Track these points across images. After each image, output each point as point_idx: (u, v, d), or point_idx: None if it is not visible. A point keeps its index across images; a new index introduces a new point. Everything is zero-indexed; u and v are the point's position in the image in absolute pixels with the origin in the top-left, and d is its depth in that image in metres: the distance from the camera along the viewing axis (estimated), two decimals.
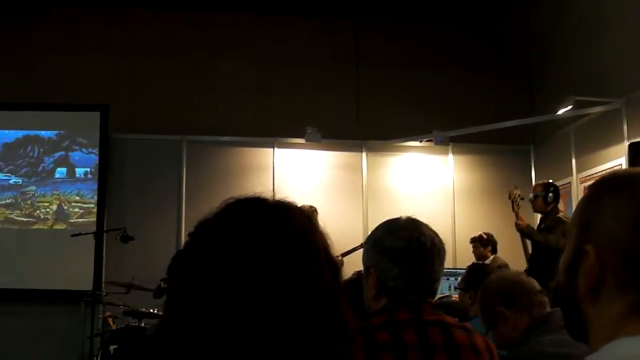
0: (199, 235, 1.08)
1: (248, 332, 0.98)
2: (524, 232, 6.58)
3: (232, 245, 1.03)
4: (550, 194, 6.56)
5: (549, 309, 2.59)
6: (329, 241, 1.11)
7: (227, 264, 1.01)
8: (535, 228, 6.70)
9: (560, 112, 7.38)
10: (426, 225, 2.04)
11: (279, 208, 1.10)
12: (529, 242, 6.68)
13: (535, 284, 2.67)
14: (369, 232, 2.10)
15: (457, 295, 5.08)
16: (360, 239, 7.53)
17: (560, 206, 6.84)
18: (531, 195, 6.76)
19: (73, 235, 7.51)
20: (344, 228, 8.14)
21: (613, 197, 1.05)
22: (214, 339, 0.98)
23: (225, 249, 1.03)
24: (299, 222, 1.08)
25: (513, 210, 6.75)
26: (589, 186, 1.12)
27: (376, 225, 2.11)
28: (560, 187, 7.05)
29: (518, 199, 6.78)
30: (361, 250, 2.11)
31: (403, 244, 1.96)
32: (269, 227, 1.05)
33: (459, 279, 4.68)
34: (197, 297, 1.01)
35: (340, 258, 7.03)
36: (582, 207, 1.09)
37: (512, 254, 7.37)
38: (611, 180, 1.08)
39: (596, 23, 7.53)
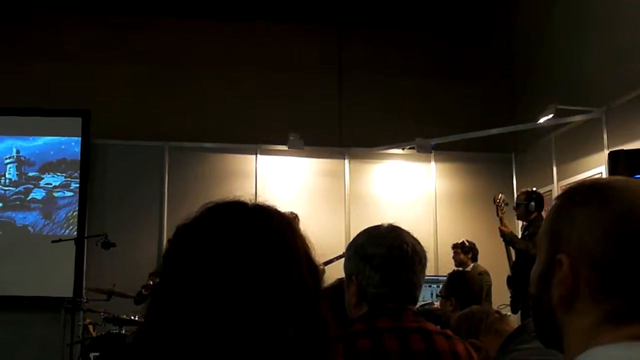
0: (178, 240, 1.08)
1: (227, 336, 0.97)
2: (507, 238, 6.61)
3: (211, 249, 1.02)
4: (532, 203, 6.60)
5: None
6: (309, 245, 1.10)
7: (206, 268, 1.01)
8: (520, 235, 6.74)
9: (542, 120, 7.44)
10: (408, 233, 2.04)
11: (258, 211, 1.09)
12: (512, 250, 6.71)
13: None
14: (351, 240, 2.10)
15: (438, 303, 5.10)
16: (342, 246, 7.52)
17: (545, 214, 6.86)
18: (515, 203, 6.81)
19: (54, 242, 7.45)
20: (326, 235, 8.13)
21: (583, 206, 1.05)
22: (193, 344, 0.98)
23: (204, 252, 1.02)
24: (278, 225, 1.08)
25: (497, 215, 6.78)
26: (559, 196, 1.12)
27: (358, 232, 2.11)
28: None
29: (502, 204, 6.82)
30: (342, 260, 2.10)
31: (384, 251, 1.96)
32: (248, 230, 1.05)
33: (441, 286, 4.69)
34: (176, 301, 1.00)
35: (322, 267, 7.02)
36: (553, 217, 1.10)
37: (494, 261, 7.40)
38: (581, 190, 1.09)
39: (578, 32, 7.60)
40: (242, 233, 1.04)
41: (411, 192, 9.09)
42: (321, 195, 8.93)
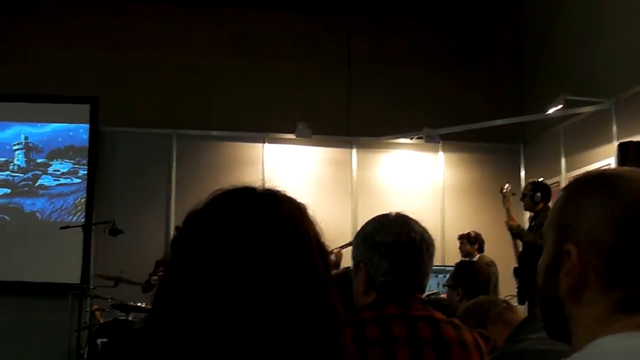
0: (189, 226, 1.08)
1: (239, 319, 0.98)
2: (514, 232, 6.60)
3: (221, 235, 1.03)
4: (538, 193, 6.56)
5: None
6: (319, 229, 1.10)
7: (217, 253, 1.01)
8: (528, 224, 6.72)
9: (551, 111, 7.41)
10: (416, 221, 2.04)
11: (268, 196, 1.10)
12: (519, 241, 6.70)
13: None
14: (358, 229, 2.11)
15: (445, 293, 5.10)
16: (349, 236, 7.53)
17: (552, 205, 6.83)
18: (521, 193, 6.79)
19: (62, 228, 7.48)
20: (333, 224, 8.12)
21: (591, 196, 1.05)
22: (205, 328, 0.98)
23: (215, 238, 1.03)
24: (288, 210, 1.08)
25: (504, 205, 6.76)
26: (566, 186, 1.13)
27: (365, 221, 2.11)
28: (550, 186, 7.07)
29: (509, 195, 6.80)
30: (349, 249, 2.12)
31: (393, 239, 1.96)
32: (258, 216, 1.05)
33: (447, 276, 4.69)
34: (187, 286, 1.01)
35: (338, 251, 7.03)
36: (560, 207, 1.09)
37: (501, 252, 7.40)
38: (588, 181, 1.09)
39: (588, 23, 7.56)
40: (253, 218, 1.04)
41: (418, 182, 9.08)
42: (328, 184, 8.93)
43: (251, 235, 1.02)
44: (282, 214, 1.07)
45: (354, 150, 9.11)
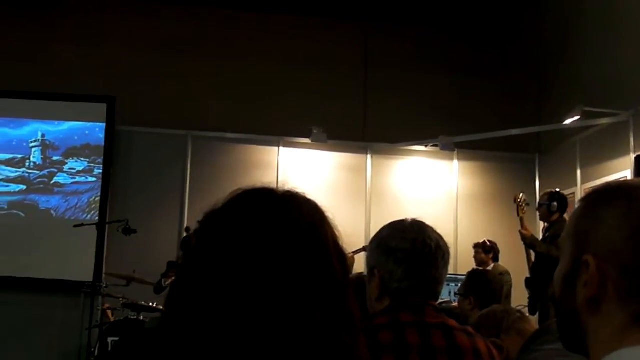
0: (207, 226, 1.08)
1: (256, 322, 0.97)
2: (528, 242, 6.56)
3: (239, 235, 1.02)
4: (555, 203, 6.51)
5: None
6: (338, 232, 1.10)
7: (234, 254, 1.01)
8: (542, 235, 6.68)
9: (568, 121, 7.37)
10: (431, 228, 2.03)
11: (288, 198, 1.09)
12: (532, 251, 6.66)
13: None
14: (371, 235, 2.10)
15: (457, 302, 5.08)
16: (362, 241, 7.53)
17: (568, 216, 6.79)
18: (537, 203, 6.75)
19: (75, 226, 7.53)
20: (347, 230, 7.88)
21: (610, 207, 1.04)
22: (219, 329, 0.98)
23: (233, 238, 1.02)
24: (307, 212, 1.07)
25: (518, 215, 6.72)
26: (583, 197, 1.12)
27: (379, 228, 2.10)
28: None
29: (523, 204, 6.75)
30: (362, 254, 2.11)
31: (408, 245, 1.95)
32: (277, 217, 1.04)
33: (459, 284, 4.67)
34: (203, 286, 1.00)
35: (351, 255, 7.02)
36: (578, 218, 1.09)
37: (514, 261, 7.37)
38: (606, 191, 1.08)
39: (607, 34, 7.52)
40: (272, 219, 1.04)
41: (433, 190, 9.07)
42: (343, 189, 8.92)
43: (269, 237, 1.02)
44: (302, 216, 1.06)
45: (369, 156, 9.10)
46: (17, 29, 9.08)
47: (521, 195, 6.85)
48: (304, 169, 8.97)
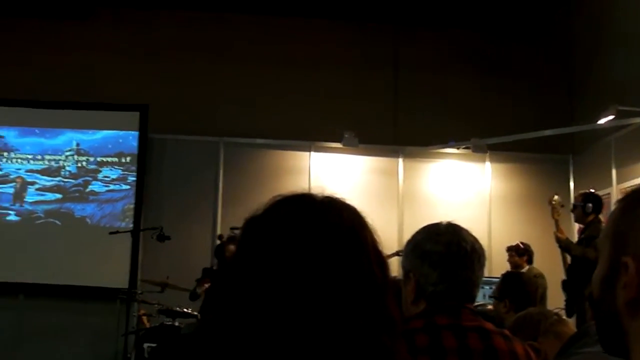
0: (248, 232, 1.09)
1: (296, 328, 0.98)
2: (562, 245, 6.49)
3: (280, 242, 1.03)
4: (590, 205, 6.43)
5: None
6: (377, 237, 1.10)
7: (276, 260, 1.02)
8: (577, 236, 6.60)
9: (602, 121, 7.29)
10: (467, 231, 2.02)
11: (327, 204, 1.10)
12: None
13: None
14: (404, 238, 2.10)
15: (491, 304, 5.04)
16: (394, 245, 7.51)
17: (603, 217, 6.70)
18: (572, 204, 6.67)
19: (111, 233, 7.61)
20: (379, 234, 8.06)
21: None
22: (261, 334, 0.98)
23: (274, 245, 1.03)
24: (347, 217, 1.08)
25: (552, 217, 6.65)
26: (621, 198, 1.10)
27: (411, 231, 2.10)
28: None
29: (558, 206, 6.67)
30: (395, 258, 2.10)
31: (443, 248, 1.95)
32: (317, 223, 1.05)
33: (494, 287, 4.63)
34: (245, 293, 1.01)
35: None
36: (617, 219, 1.07)
37: (549, 264, 7.30)
38: None
39: None
40: (312, 225, 1.05)
41: (465, 193, 9.01)
42: (375, 193, 8.90)
43: (309, 242, 1.02)
44: (341, 221, 1.07)
45: (401, 160, 9.08)
46: (51, 40, 9.21)
47: (555, 196, 6.78)
48: (335, 174, 8.97)
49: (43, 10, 9.09)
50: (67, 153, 8.86)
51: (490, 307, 5.45)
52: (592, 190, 6.68)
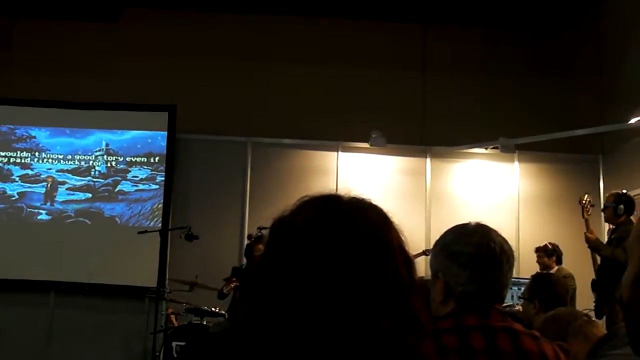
0: (276, 233, 1.09)
1: (323, 328, 0.98)
2: (592, 245, 6.42)
3: (307, 242, 1.04)
4: (622, 206, 6.35)
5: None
6: (404, 238, 1.10)
7: (303, 261, 1.02)
8: (607, 237, 6.53)
9: (633, 121, 7.21)
10: (495, 231, 2.01)
11: (354, 205, 1.10)
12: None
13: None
14: (431, 239, 2.09)
15: (520, 305, 5.00)
16: (422, 245, 7.50)
17: (634, 218, 6.61)
18: (603, 205, 6.60)
19: (140, 233, 7.69)
20: (406, 234, 8.03)
21: None
22: (288, 333, 0.99)
23: (301, 246, 1.04)
24: (374, 218, 1.09)
25: (583, 216, 6.58)
26: None
27: (439, 231, 2.09)
28: None
29: (588, 206, 6.60)
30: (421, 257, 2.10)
31: (472, 249, 1.94)
32: (343, 224, 1.06)
33: (522, 288, 4.60)
34: (273, 293, 1.02)
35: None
36: None
37: (579, 265, 7.23)
38: None
39: None
40: (339, 226, 1.05)
41: (493, 193, 8.96)
42: (402, 193, 8.88)
43: (336, 243, 1.03)
44: (368, 222, 1.07)
45: (429, 160, 9.04)
46: (80, 42, 9.31)
47: (586, 196, 6.71)
48: (363, 174, 8.96)
49: (72, 12, 9.19)
50: (97, 153, 8.95)
51: (518, 308, 5.42)
52: (624, 191, 6.60)
